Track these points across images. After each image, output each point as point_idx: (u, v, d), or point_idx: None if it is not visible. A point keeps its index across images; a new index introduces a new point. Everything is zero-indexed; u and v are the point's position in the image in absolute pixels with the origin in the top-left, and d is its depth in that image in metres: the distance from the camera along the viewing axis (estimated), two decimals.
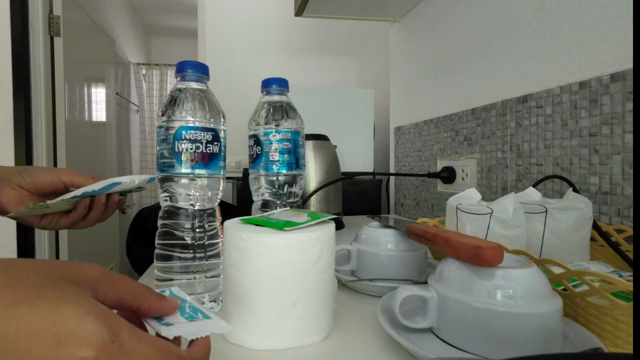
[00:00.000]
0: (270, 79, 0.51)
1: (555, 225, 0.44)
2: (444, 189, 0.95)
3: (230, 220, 0.37)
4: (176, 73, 0.42)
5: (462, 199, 0.51)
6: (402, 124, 1.20)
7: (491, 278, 0.29)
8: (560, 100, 0.61)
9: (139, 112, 3.52)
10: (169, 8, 3.44)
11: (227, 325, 0.24)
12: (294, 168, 0.50)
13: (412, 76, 1.14)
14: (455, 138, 0.91)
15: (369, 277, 0.47)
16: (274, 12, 1.89)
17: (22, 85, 1.43)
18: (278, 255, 0.32)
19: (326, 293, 0.35)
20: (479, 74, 0.83)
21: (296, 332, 0.33)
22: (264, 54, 1.90)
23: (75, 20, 1.80)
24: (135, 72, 3.46)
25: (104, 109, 2.26)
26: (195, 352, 0.22)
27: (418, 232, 0.41)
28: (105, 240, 2.18)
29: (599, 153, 0.55)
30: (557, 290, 0.33)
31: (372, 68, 1.81)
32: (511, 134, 0.72)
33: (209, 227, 0.42)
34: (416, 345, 0.29)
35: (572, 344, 0.30)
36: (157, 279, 0.41)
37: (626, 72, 0.51)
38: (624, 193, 0.51)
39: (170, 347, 0.21)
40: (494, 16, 0.78)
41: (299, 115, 0.52)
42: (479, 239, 0.32)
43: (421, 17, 1.09)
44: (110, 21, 2.78)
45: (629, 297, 0.31)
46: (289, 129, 0.49)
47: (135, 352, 0.19)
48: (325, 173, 0.91)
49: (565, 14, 0.61)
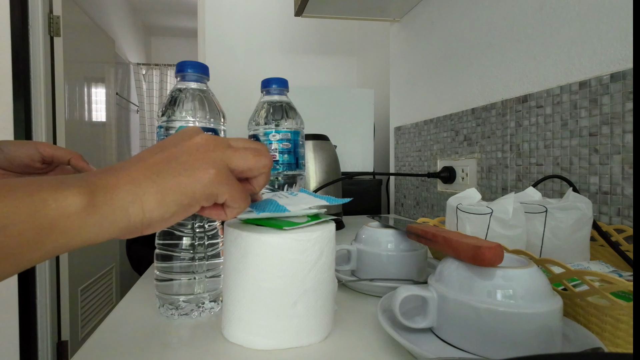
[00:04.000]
0: (270, 79, 0.51)
1: (555, 225, 0.44)
2: (444, 189, 0.95)
3: (230, 220, 0.37)
4: (176, 73, 0.42)
5: (462, 199, 0.51)
6: (402, 123, 1.20)
7: (491, 278, 0.29)
8: (560, 100, 0.61)
9: (139, 112, 3.52)
10: (169, 8, 3.45)
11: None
12: (294, 168, 0.50)
13: (412, 76, 1.14)
14: (455, 138, 0.91)
15: (369, 277, 0.47)
16: (274, 12, 1.89)
17: (22, 85, 1.43)
18: (278, 255, 0.32)
19: (326, 293, 0.35)
20: (479, 74, 0.83)
21: (296, 332, 0.33)
22: (264, 54, 1.90)
23: (75, 20, 1.80)
24: (135, 72, 3.46)
25: (104, 109, 2.26)
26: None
27: (418, 232, 0.41)
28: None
29: (599, 153, 0.55)
30: (557, 290, 0.33)
31: (372, 68, 1.81)
32: (511, 134, 0.72)
33: (209, 227, 0.42)
34: (416, 345, 0.29)
35: (572, 344, 0.30)
36: (157, 279, 0.41)
37: (626, 72, 0.51)
38: (624, 193, 0.51)
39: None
40: (494, 16, 0.78)
41: (299, 115, 0.52)
42: (479, 239, 0.32)
43: (421, 17, 1.09)
44: (110, 21, 2.78)
45: (629, 297, 0.31)
46: (288, 129, 0.49)
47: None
48: (325, 173, 0.91)
49: (565, 14, 0.61)
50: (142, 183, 0.24)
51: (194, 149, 0.26)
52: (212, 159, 0.26)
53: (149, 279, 0.51)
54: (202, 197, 0.25)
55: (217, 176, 0.25)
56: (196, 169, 0.25)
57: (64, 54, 1.65)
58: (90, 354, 0.32)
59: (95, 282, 2.02)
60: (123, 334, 0.36)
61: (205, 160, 0.26)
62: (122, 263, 2.37)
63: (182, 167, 0.25)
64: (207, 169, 0.25)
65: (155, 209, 0.24)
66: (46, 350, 1.53)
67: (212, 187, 0.25)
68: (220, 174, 0.26)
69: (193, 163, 0.25)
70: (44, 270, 1.53)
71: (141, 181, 0.24)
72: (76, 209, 0.21)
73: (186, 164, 0.25)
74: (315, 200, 0.37)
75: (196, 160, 0.25)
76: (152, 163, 0.25)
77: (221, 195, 0.26)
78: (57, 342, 1.64)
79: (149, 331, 0.37)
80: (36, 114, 1.49)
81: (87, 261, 1.89)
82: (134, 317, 0.40)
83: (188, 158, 0.25)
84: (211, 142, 0.27)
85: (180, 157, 0.25)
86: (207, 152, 0.26)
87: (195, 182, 0.25)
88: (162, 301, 0.40)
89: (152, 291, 0.42)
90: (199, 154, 0.26)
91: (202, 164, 0.25)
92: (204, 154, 0.26)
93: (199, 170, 0.25)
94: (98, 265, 2.06)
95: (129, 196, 0.23)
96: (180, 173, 0.25)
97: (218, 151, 0.27)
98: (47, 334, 1.54)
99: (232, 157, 0.27)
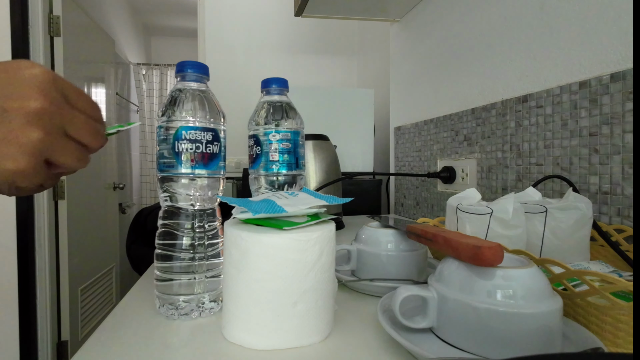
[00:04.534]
0: (270, 79, 0.51)
1: (555, 225, 0.44)
2: (444, 189, 0.95)
3: (230, 220, 0.37)
4: (176, 73, 0.42)
5: (462, 198, 0.51)
6: (402, 124, 1.20)
7: (491, 278, 0.29)
8: (560, 100, 0.61)
9: (138, 112, 3.52)
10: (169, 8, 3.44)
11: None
12: (294, 168, 0.50)
13: (412, 76, 1.14)
14: (455, 138, 0.91)
15: (369, 277, 0.47)
16: (274, 12, 1.89)
17: None
18: (278, 255, 0.32)
19: (326, 293, 0.35)
20: (479, 74, 0.83)
21: (296, 332, 0.33)
22: (264, 54, 1.90)
23: (75, 20, 1.80)
24: (135, 72, 3.46)
25: (103, 109, 2.26)
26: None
27: (418, 232, 0.41)
28: (105, 240, 2.18)
29: (599, 153, 0.55)
30: (557, 290, 0.33)
31: (372, 68, 1.81)
32: (511, 134, 0.72)
33: (209, 227, 0.42)
34: (416, 345, 0.29)
35: (572, 344, 0.30)
36: (157, 279, 0.41)
37: (626, 72, 0.51)
38: (624, 193, 0.51)
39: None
40: (494, 16, 0.78)
41: (299, 115, 0.52)
42: (479, 239, 0.32)
43: (421, 17, 1.09)
44: (110, 21, 2.78)
45: (629, 297, 0.31)
46: (288, 129, 0.49)
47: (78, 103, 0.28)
48: (325, 173, 0.91)
49: (565, 14, 0.61)
50: None
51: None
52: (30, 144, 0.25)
53: (149, 279, 0.51)
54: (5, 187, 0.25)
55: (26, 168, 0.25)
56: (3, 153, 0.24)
57: (64, 54, 1.65)
58: (90, 354, 0.32)
59: (95, 282, 2.02)
60: (123, 334, 0.36)
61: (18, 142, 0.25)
62: (122, 263, 2.37)
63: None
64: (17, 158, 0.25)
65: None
66: (46, 350, 1.53)
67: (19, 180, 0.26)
68: (33, 165, 0.25)
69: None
70: (44, 270, 1.53)
71: None
72: None
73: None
74: (315, 201, 0.37)
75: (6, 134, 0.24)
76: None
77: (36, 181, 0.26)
78: (57, 342, 1.64)
79: (149, 331, 0.37)
80: None
81: (87, 261, 1.89)
82: (134, 317, 0.40)
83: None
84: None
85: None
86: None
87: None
88: (162, 301, 0.40)
89: (152, 291, 0.42)
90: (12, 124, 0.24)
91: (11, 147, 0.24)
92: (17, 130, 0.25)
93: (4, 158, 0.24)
94: (98, 265, 2.07)
95: None
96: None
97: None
98: (47, 334, 1.54)
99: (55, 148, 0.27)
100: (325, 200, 0.38)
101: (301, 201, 0.37)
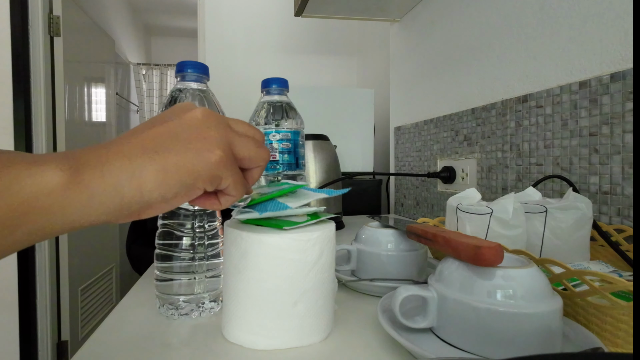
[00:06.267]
0: (270, 79, 0.51)
1: (555, 225, 0.44)
2: (444, 188, 0.95)
3: (230, 220, 0.37)
4: (176, 73, 0.42)
5: (462, 198, 0.51)
6: (402, 123, 1.20)
7: (491, 278, 0.29)
8: (560, 100, 0.61)
9: (138, 112, 3.52)
10: (169, 8, 3.45)
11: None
12: (294, 168, 0.50)
13: (412, 76, 1.14)
14: (455, 138, 0.91)
15: (369, 277, 0.47)
16: (274, 12, 1.89)
17: (22, 85, 1.43)
18: (278, 255, 0.32)
19: (326, 293, 0.35)
20: (479, 74, 0.83)
21: (296, 332, 0.33)
22: (264, 54, 1.90)
23: (75, 20, 1.80)
24: (135, 72, 3.46)
25: (103, 109, 2.26)
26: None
27: (418, 232, 0.41)
28: (105, 240, 2.18)
29: (599, 153, 0.55)
30: (557, 290, 0.33)
31: (372, 68, 1.81)
32: (511, 134, 0.72)
33: (209, 227, 0.42)
34: (416, 345, 0.29)
35: (572, 344, 0.30)
36: (157, 279, 0.41)
37: (626, 72, 0.51)
38: (624, 193, 0.51)
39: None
40: (494, 16, 0.78)
41: (299, 115, 0.52)
42: (479, 239, 0.32)
43: (421, 17, 1.09)
44: (110, 21, 2.78)
45: (629, 296, 0.31)
46: (288, 129, 0.49)
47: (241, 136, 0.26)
48: (325, 173, 0.91)
49: (565, 14, 0.61)
50: (137, 159, 0.21)
51: (194, 125, 0.24)
52: (217, 140, 0.24)
53: (149, 279, 0.51)
54: (207, 179, 0.23)
55: (223, 158, 0.24)
56: (201, 148, 0.23)
57: (64, 54, 1.65)
58: (90, 354, 0.32)
59: (95, 282, 2.02)
60: (123, 334, 0.36)
61: (209, 140, 0.23)
62: (122, 263, 2.37)
63: (183, 144, 0.23)
64: (213, 150, 0.23)
65: (155, 188, 0.21)
66: (46, 350, 1.53)
67: (219, 169, 0.24)
68: (227, 157, 0.24)
69: (197, 141, 0.23)
70: (44, 270, 1.53)
71: (137, 157, 0.21)
72: (56, 185, 0.19)
73: (188, 141, 0.23)
74: (315, 195, 0.37)
75: (199, 138, 0.23)
76: (147, 137, 0.22)
77: (225, 179, 0.24)
78: (57, 342, 1.64)
79: (149, 331, 0.37)
80: (36, 114, 1.49)
81: (87, 261, 1.89)
82: (134, 317, 0.40)
83: (189, 135, 0.23)
84: (212, 119, 0.25)
85: (181, 133, 0.23)
86: (209, 130, 0.24)
87: (201, 161, 0.23)
88: (162, 301, 0.40)
89: (152, 291, 0.42)
90: (200, 132, 0.24)
91: (206, 143, 0.23)
92: (206, 132, 0.24)
93: (205, 150, 0.23)
94: (98, 265, 2.06)
95: (123, 173, 0.21)
96: (183, 150, 0.22)
97: (220, 131, 0.24)
98: (47, 334, 1.54)
99: (235, 142, 0.25)
100: (325, 193, 0.38)
101: (301, 196, 0.37)
